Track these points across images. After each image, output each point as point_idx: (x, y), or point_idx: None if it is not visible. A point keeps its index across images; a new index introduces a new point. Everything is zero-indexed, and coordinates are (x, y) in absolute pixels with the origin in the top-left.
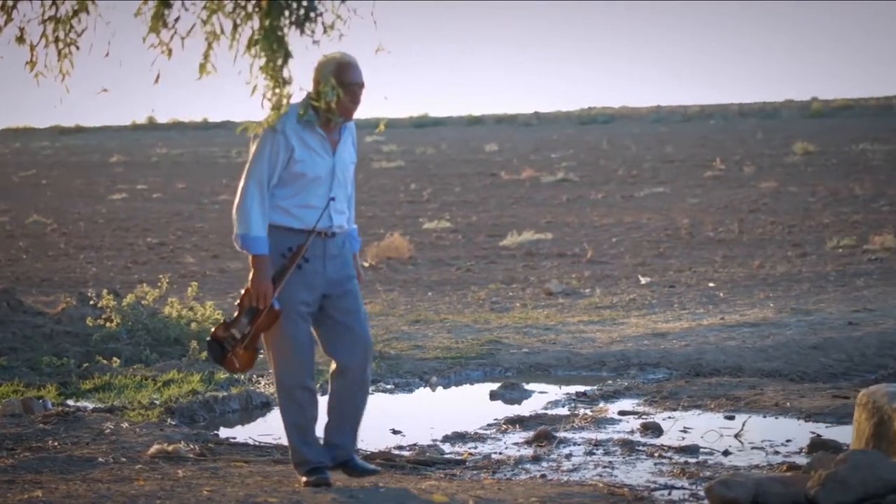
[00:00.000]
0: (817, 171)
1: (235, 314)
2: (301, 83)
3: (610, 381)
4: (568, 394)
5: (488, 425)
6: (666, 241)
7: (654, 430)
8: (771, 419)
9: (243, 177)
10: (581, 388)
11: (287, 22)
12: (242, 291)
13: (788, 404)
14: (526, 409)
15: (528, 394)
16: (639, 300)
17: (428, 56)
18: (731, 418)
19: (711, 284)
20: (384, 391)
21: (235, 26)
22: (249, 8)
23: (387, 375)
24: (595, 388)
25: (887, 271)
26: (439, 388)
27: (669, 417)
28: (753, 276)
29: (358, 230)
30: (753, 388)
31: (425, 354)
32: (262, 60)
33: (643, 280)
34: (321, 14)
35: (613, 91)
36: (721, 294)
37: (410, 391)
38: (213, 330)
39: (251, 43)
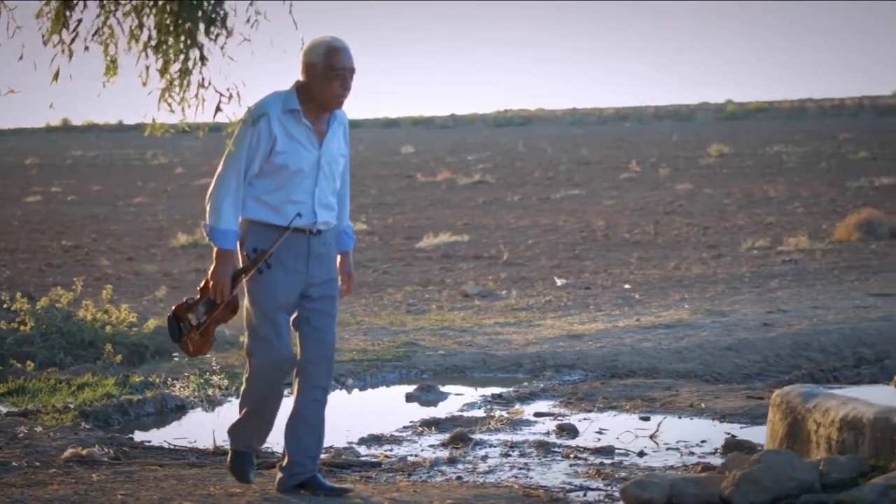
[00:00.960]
0: (732, 173)
1: (196, 299)
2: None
3: (526, 383)
4: (484, 396)
5: (404, 427)
6: (582, 243)
7: (570, 431)
8: (686, 420)
9: (220, 165)
10: (497, 390)
11: (199, 23)
12: (204, 280)
13: (703, 405)
14: (442, 411)
15: (444, 396)
16: (555, 302)
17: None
18: (647, 419)
19: (627, 286)
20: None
21: (140, 27)
22: (154, 9)
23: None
24: (511, 389)
25: (801, 272)
26: (355, 391)
27: (585, 419)
28: (668, 277)
29: (353, 227)
30: (668, 390)
31: (341, 357)
32: (176, 64)
33: (559, 282)
34: (227, 15)
35: (529, 93)
36: (636, 295)
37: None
38: (176, 306)
39: (159, 45)
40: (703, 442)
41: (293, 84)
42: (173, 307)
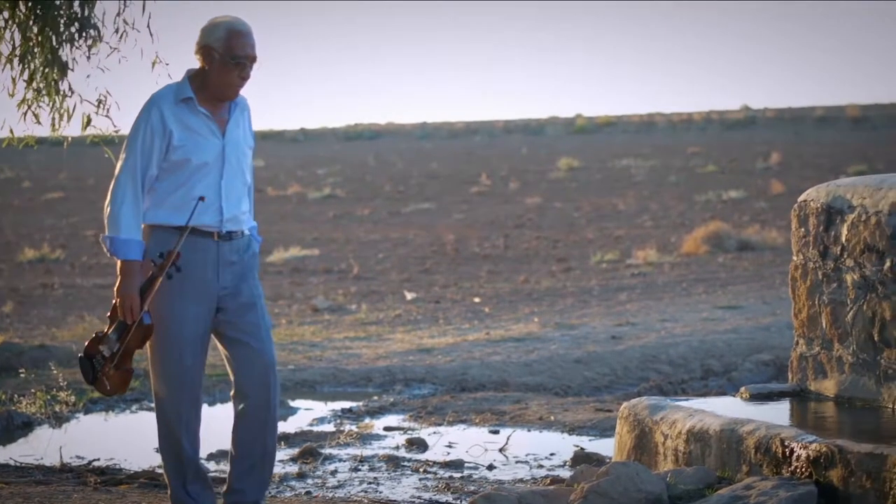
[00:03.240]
0: (581, 187)
1: (106, 328)
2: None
3: (376, 397)
4: (334, 410)
5: None
6: (432, 257)
7: (420, 445)
8: (535, 433)
9: (115, 172)
10: (347, 405)
11: (63, 35)
12: (113, 304)
13: (552, 418)
14: (291, 425)
15: (293, 411)
16: (405, 316)
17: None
18: (496, 433)
19: (477, 300)
20: (149, 409)
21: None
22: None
23: (151, 394)
24: (361, 404)
25: (649, 285)
26: (205, 406)
27: (435, 433)
28: (518, 290)
29: (257, 228)
30: (518, 403)
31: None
32: (39, 75)
33: (409, 296)
34: (95, 26)
35: (379, 107)
36: (486, 309)
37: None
38: (85, 344)
39: (24, 57)
40: (552, 455)
41: (186, 72)
42: (85, 346)
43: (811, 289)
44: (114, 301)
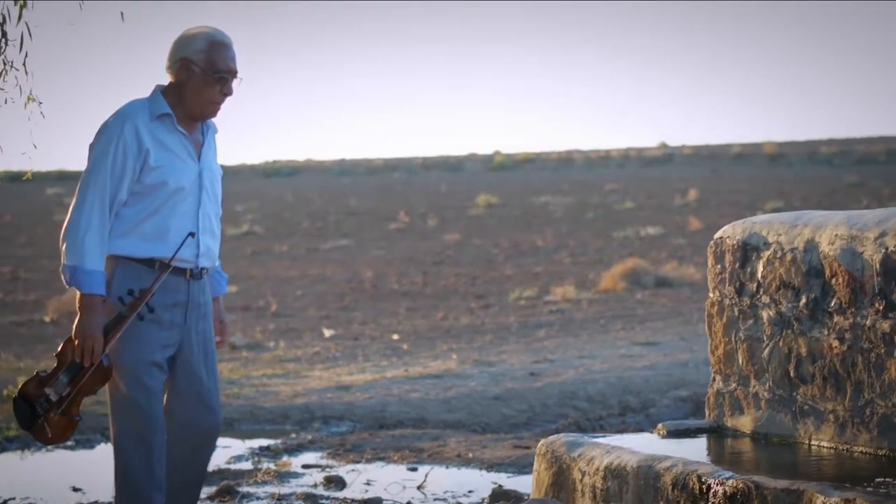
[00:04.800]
0: (500, 224)
1: (52, 369)
2: None
3: (294, 435)
4: (251, 448)
5: None
6: (350, 294)
7: (338, 483)
8: (454, 470)
9: (76, 194)
10: (265, 442)
11: None
12: (64, 342)
13: (471, 455)
14: (209, 464)
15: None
16: (323, 353)
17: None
18: (415, 470)
19: (395, 336)
20: (64, 448)
21: None
22: None
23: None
24: (279, 441)
25: (568, 322)
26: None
27: (353, 470)
28: (437, 327)
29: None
30: (436, 440)
31: (104, 409)
32: None
33: (327, 333)
34: None
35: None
36: (405, 346)
37: (92, 447)
38: (22, 385)
39: None
40: (470, 492)
41: (155, 87)
42: (20, 386)
43: (728, 325)
44: (67, 339)
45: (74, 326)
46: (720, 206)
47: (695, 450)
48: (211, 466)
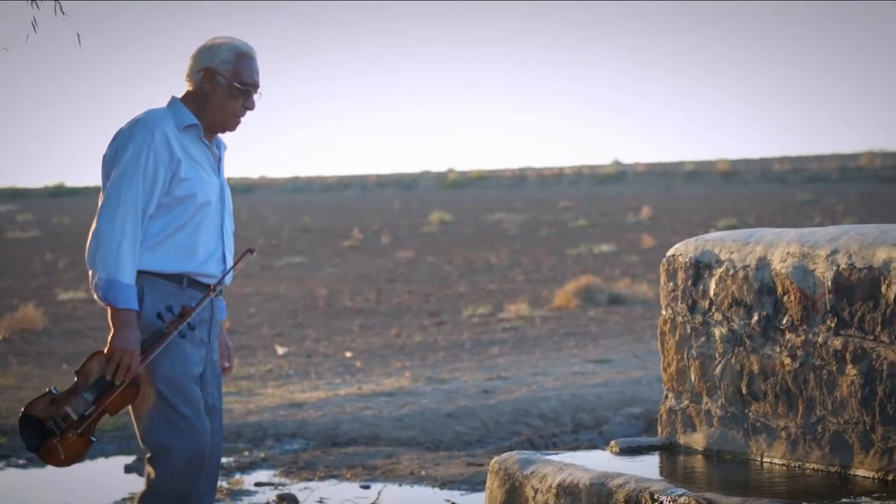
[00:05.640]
0: (453, 241)
1: (72, 385)
2: None
3: (246, 453)
4: None
5: (123, 499)
6: (304, 311)
7: (290, 501)
8: (406, 487)
9: (105, 203)
10: None
11: None
12: (88, 357)
13: (424, 472)
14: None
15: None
16: (276, 370)
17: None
18: (367, 487)
19: (349, 354)
20: (16, 466)
21: None
22: None
23: (19, 450)
24: (232, 459)
25: (521, 339)
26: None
27: (306, 488)
28: (390, 345)
29: None
30: (389, 458)
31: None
32: None
33: (280, 350)
34: None
35: (252, 161)
36: (358, 363)
37: (43, 466)
38: (29, 403)
39: None
40: None
41: (172, 98)
42: (27, 405)
43: (680, 343)
44: (93, 355)
45: (109, 341)
46: (673, 224)
47: (647, 467)
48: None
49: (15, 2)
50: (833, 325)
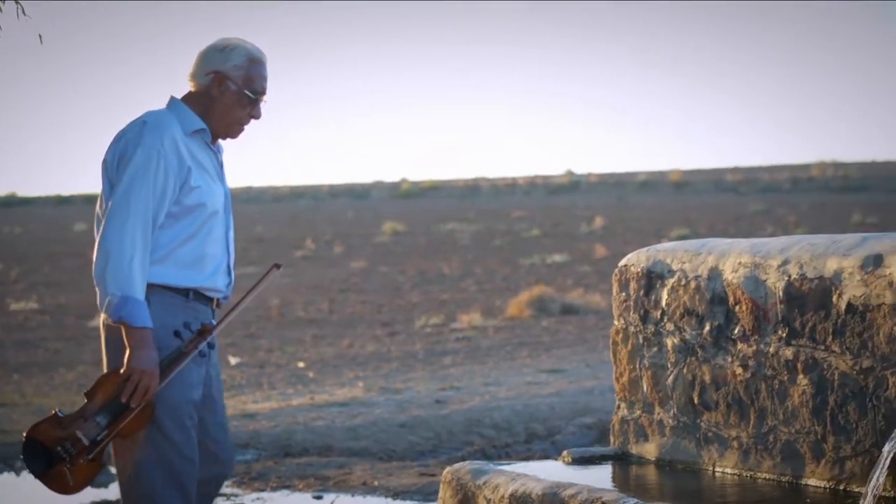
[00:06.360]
0: (406, 251)
1: (81, 408)
2: None
3: None
4: None
5: None
6: (256, 321)
7: None
8: (359, 498)
9: (112, 213)
10: None
11: None
12: (99, 379)
13: (376, 483)
14: (112, 492)
15: (113, 477)
16: (228, 381)
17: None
18: (320, 498)
19: (301, 364)
20: None
21: None
22: None
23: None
24: None
25: (474, 349)
26: (24, 473)
27: (258, 499)
28: (343, 355)
29: None
30: (342, 468)
31: (9, 438)
32: None
33: (233, 360)
34: None
35: None
36: (311, 374)
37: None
38: (34, 427)
39: None
40: None
41: (172, 99)
42: (32, 428)
43: (632, 353)
44: (104, 377)
45: (126, 362)
46: (626, 234)
47: (600, 477)
48: (114, 495)
49: None
50: (784, 334)
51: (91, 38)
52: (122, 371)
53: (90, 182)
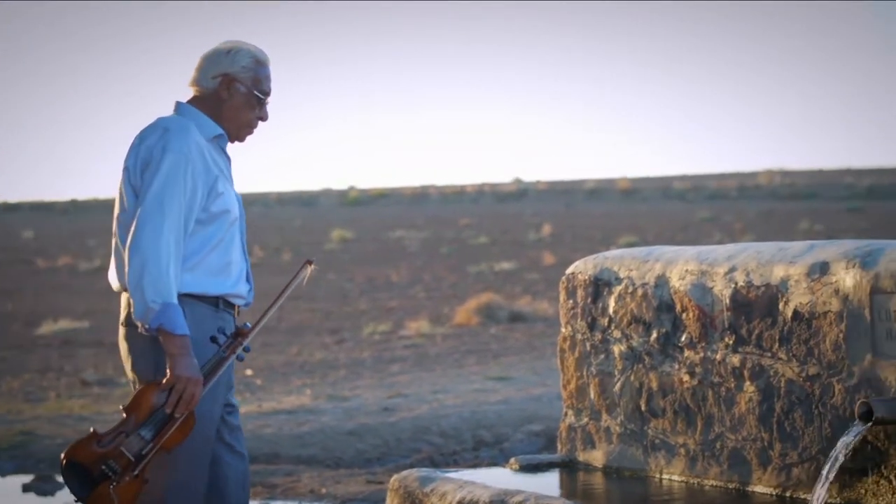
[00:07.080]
0: (354, 258)
1: (120, 423)
2: None
3: None
4: None
5: None
6: None
7: None
8: None
9: (146, 218)
10: None
11: None
12: (140, 391)
13: (324, 490)
14: (60, 501)
15: (61, 486)
16: None
17: None
18: None
19: (249, 372)
20: None
21: None
22: None
23: None
24: None
25: (422, 356)
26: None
27: None
28: (291, 362)
29: None
30: (290, 475)
31: None
32: None
33: None
34: None
35: None
36: (258, 381)
37: None
38: (72, 447)
39: None
40: None
41: (178, 104)
42: (70, 448)
43: (579, 360)
44: (145, 388)
45: (170, 371)
46: (574, 242)
47: (547, 484)
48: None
49: None
50: (731, 342)
51: (37, 39)
52: (164, 381)
53: (37, 189)
